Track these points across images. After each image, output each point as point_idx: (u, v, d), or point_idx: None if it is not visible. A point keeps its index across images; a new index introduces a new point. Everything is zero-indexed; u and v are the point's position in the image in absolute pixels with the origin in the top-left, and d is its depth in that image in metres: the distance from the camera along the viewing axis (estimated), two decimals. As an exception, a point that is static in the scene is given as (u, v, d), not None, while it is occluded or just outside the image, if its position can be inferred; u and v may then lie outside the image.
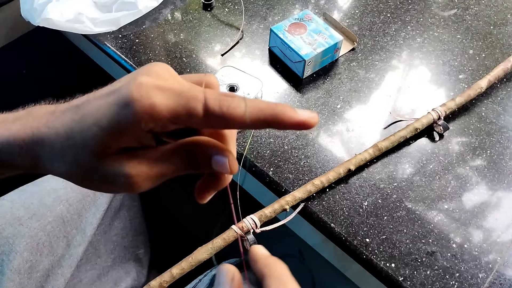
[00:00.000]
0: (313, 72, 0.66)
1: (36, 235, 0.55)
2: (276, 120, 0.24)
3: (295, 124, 0.24)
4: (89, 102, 0.25)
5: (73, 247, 0.58)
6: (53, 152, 0.25)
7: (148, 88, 0.23)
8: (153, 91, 0.23)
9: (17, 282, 0.52)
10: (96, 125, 0.24)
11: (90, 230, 0.60)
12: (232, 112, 0.23)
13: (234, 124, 0.24)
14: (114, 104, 0.24)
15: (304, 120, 0.24)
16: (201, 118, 0.24)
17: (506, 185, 0.56)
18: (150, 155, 0.25)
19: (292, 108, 0.24)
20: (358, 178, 0.56)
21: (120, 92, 0.24)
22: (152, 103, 0.23)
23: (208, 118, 0.24)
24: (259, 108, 0.24)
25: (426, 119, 0.58)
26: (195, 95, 0.24)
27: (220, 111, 0.23)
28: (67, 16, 0.65)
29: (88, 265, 0.61)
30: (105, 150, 0.24)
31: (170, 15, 0.73)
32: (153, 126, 0.24)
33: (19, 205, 0.57)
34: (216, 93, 0.24)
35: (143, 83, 0.23)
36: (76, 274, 0.59)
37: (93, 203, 0.61)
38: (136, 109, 0.23)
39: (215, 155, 0.26)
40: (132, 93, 0.23)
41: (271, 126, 0.24)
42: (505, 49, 0.70)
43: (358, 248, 0.51)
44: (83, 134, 0.24)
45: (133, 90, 0.23)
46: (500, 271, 0.50)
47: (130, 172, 0.24)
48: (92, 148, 0.24)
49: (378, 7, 0.75)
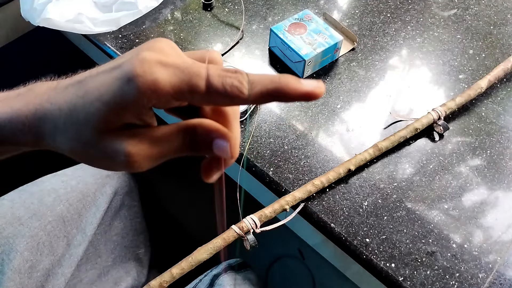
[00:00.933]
0: (313, 72, 0.66)
1: (36, 235, 0.55)
2: (280, 93, 0.23)
3: (300, 95, 0.23)
4: (92, 78, 0.25)
5: (73, 247, 0.58)
6: (56, 128, 0.25)
7: (151, 64, 0.23)
8: (156, 66, 0.23)
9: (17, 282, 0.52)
10: (99, 100, 0.24)
11: (90, 229, 0.60)
12: (234, 89, 0.23)
13: (237, 102, 0.24)
14: (117, 80, 0.24)
15: (310, 91, 0.23)
16: (203, 95, 0.23)
17: (506, 185, 0.56)
18: (151, 134, 0.25)
19: (296, 79, 0.23)
20: (358, 178, 0.56)
21: (123, 68, 0.24)
22: (155, 79, 0.23)
23: (211, 95, 0.23)
24: (262, 84, 0.23)
25: (426, 119, 0.58)
26: (198, 71, 0.24)
27: (222, 89, 0.23)
28: (67, 16, 0.65)
29: (88, 264, 0.61)
30: (107, 126, 0.24)
31: (170, 15, 0.73)
32: (156, 102, 0.24)
33: (19, 205, 0.57)
34: (219, 70, 0.24)
35: (146, 58, 0.23)
36: (76, 274, 0.59)
37: (93, 203, 0.61)
38: (139, 84, 0.23)
39: (216, 138, 0.26)
40: (135, 68, 0.23)
41: (276, 99, 0.24)
42: (505, 49, 0.70)
43: (358, 248, 0.51)
44: (86, 110, 0.24)
45: (136, 66, 0.23)
46: (500, 271, 0.50)
47: (130, 150, 0.24)
48: (94, 124, 0.24)
49: (378, 7, 0.75)
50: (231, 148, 0.26)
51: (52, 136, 0.25)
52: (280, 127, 0.60)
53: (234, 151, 0.26)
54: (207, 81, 0.23)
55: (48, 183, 0.61)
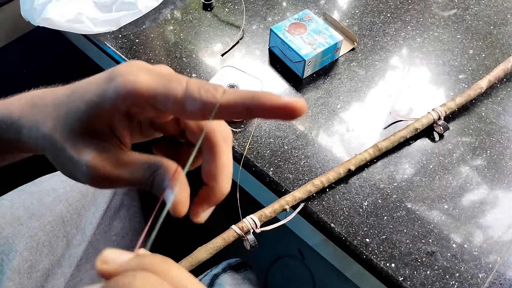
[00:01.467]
0: (313, 72, 0.66)
1: (36, 235, 0.55)
2: (257, 103, 0.22)
3: (277, 108, 0.22)
4: (84, 80, 0.26)
5: (73, 247, 0.58)
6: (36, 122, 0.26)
7: (137, 68, 0.24)
8: (140, 70, 0.24)
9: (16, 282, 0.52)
10: (81, 98, 0.24)
11: (90, 229, 0.60)
12: (209, 96, 0.23)
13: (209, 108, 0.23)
14: (102, 79, 0.24)
15: (288, 104, 0.22)
16: (179, 102, 0.23)
17: (506, 185, 0.56)
18: (119, 156, 0.25)
19: (276, 94, 0.22)
20: (358, 178, 0.56)
21: (111, 70, 0.25)
22: (134, 79, 0.23)
23: (186, 102, 0.23)
24: (238, 93, 0.23)
25: (426, 119, 0.58)
26: (179, 78, 0.24)
27: (198, 94, 0.23)
28: (67, 16, 0.65)
29: (88, 264, 0.61)
30: (81, 128, 0.25)
31: (170, 15, 0.73)
32: (131, 104, 0.24)
33: (18, 205, 0.57)
34: (200, 82, 0.24)
35: (134, 64, 0.24)
36: (76, 274, 0.59)
37: (93, 203, 0.61)
38: (118, 83, 0.23)
39: (167, 188, 0.24)
40: (120, 69, 0.24)
41: (251, 112, 0.23)
42: (505, 49, 0.70)
43: (358, 248, 0.51)
44: (68, 106, 0.25)
45: (122, 67, 0.24)
46: (500, 271, 0.50)
47: (93, 163, 0.24)
48: (71, 123, 0.25)
49: (378, 7, 0.75)
50: (174, 204, 0.24)
51: (29, 131, 0.26)
52: (280, 127, 0.60)
53: (177, 209, 0.24)
54: (185, 88, 0.23)
55: (48, 183, 0.61)
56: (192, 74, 0.65)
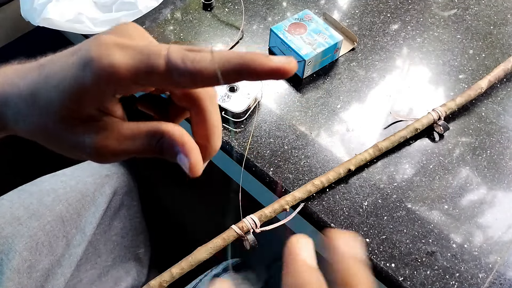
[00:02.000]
0: (313, 72, 0.66)
1: (35, 235, 0.55)
2: (247, 68, 0.22)
3: (269, 71, 0.22)
4: (53, 62, 0.24)
5: (73, 247, 0.58)
6: (19, 113, 0.25)
7: (108, 46, 0.22)
8: (112, 49, 0.22)
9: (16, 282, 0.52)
10: (58, 87, 0.23)
11: (90, 229, 0.60)
12: (196, 66, 0.22)
13: (201, 79, 0.22)
14: (73, 65, 0.23)
15: (279, 66, 0.21)
16: (163, 75, 0.22)
17: (506, 185, 0.56)
18: (119, 130, 0.25)
19: (265, 54, 0.22)
20: (358, 178, 0.56)
21: (80, 53, 0.23)
22: (110, 62, 0.22)
23: (171, 75, 0.22)
24: (227, 58, 0.22)
25: (426, 119, 0.58)
26: (157, 50, 0.22)
27: (183, 66, 0.22)
28: (67, 16, 0.65)
29: (88, 264, 0.61)
30: (71, 115, 0.24)
31: (170, 15, 0.73)
32: (116, 87, 0.23)
33: (18, 204, 0.57)
34: (180, 48, 0.23)
35: (103, 42, 0.22)
36: (76, 274, 0.59)
37: (93, 203, 0.61)
38: (94, 69, 0.22)
39: (179, 153, 0.25)
40: (90, 53, 0.22)
41: (243, 76, 0.22)
42: (505, 49, 0.70)
43: (358, 248, 0.51)
44: (47, 96, 0.24)
45: (92, 50, 0.22)
46: (500, 271, 0.50)
47: (97, 144, 0.24)
48: (56, 111, 0.24)
49: (378, 7, 0.75)
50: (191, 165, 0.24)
51: (14, 120, 0.25)
52: (280, 127, 0.60)
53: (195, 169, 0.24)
54: (167, 59, 0.22)
55: (47, 183, 0.61)
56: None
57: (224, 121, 0.60)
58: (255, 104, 0.62)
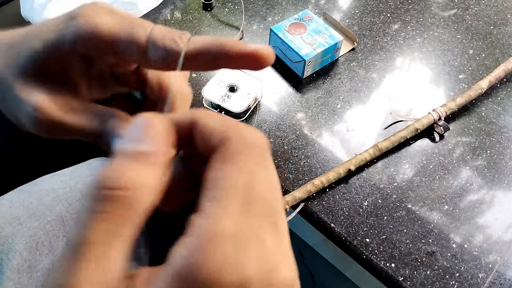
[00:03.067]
0: (313, 72, 0.66)
1: (35, 235, 0.55)
2: (221, 50, 0.21)
3: (243, 55, 0.21)
4: (44, 21, 0.25)
5: (73, 247, 0.58)
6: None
7: (99, 9, 0.23)
8: (102, 11, 0.22)
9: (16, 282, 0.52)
10: (37, 37, 0.23)
11: (90, 229, 0.60)
12: (171, 43, 0.22)
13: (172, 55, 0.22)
14: (61, 19, 0.23)
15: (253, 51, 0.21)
16: (142, 48, 0.22)
17: (506, 185, 0.56)
18: (69, 102, 0.24)
19: (242, 42, 0.22)
20: (358, 178, 0.56)
21: (72, 10, 0.23)
22: (95, 21, 0.22)
23: (148, 50, 0.22)
24: (203, 40, 0.22)
25: (427, 120, 0.58)
26: (143, 23, 0.22)
27: (161, 41, 0.22)
28: (67, 16, 0.65)
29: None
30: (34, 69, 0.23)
31: (170, 15, 0.73)
32: (93, 49, 0.23)
33: (18, 204, 0.57)
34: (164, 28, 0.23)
35: (95, 5, 0.23)
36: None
37: (93, 203, 0.61)
38: (79, 22, 0.22)
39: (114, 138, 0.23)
40: (81, 9, 0.23)
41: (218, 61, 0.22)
42: (505, 49, 0.70)
43: (358, 248, 0.51)
44: (22, 45, 0.23)
45: (84, 8, 0.23)
46: (500, 271, 0.50)
47: (40, 106, 0.23)
48: (24, 62, 0.23)
49: (378, 7, 0.75)
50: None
51: None
52: (280, 127, 0.60)
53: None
54: (149, 34, 0.22)
55: (47, 183, 0.61)
56: (192, 74, 0.65)
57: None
58: (255, 104, 0.62)
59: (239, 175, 0.17)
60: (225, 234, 0.16)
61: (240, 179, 0.17)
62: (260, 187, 0.17)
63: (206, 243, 0.16)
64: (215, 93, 0.60)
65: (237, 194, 0.17)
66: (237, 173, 0.17)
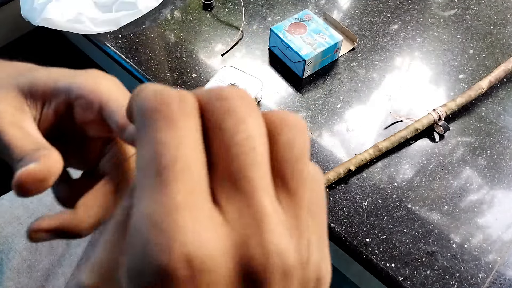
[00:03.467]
0: (313, 72, 0.66)
1: (36, 235, 0.55)
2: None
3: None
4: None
5: (73, 247, 0.58)
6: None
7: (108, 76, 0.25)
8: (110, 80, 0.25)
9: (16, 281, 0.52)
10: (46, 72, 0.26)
11: (90, 229, 0.60)
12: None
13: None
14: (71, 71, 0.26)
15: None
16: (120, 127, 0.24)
17: (506, 185, 0.56)
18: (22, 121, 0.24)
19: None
20: (358, 178, 0.56)
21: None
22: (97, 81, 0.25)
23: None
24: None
25: (427, 120, 0.58)
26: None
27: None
28: (67, 16, 0.65)
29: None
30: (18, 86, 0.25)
31: (170, 15, 0.73)
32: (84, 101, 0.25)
33: (18, 204, 0.57)
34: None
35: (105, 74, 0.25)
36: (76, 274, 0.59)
37: (93, 203, 0.61)
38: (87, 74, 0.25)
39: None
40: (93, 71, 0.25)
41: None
42: (505, 49, 0.70)
43: (358, 248, 0.51)
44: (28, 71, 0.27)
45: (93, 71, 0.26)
46: (500, 271, 0.50)
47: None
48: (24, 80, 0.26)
49: (378, 7, 0.75)
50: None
51: None
52: (280, 127, 0.60)
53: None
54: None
55: (48, 183, 0.61)
56: (192, 74, 0.65)
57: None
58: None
59: (144, 147, 0.15)
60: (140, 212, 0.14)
61: (145, 150, 0.14)
62: (172, 152, 0.14)
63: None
64: (215, 93, 0.60)
65: (145, 168, 0.14)
66: (142, 146, 0.15)
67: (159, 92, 0.15)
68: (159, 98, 0.15)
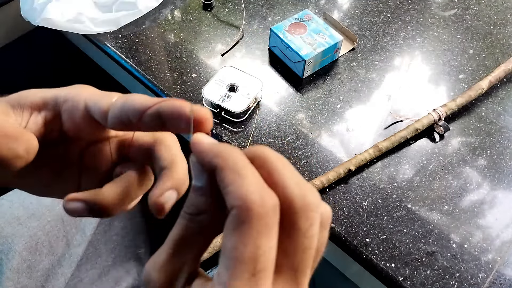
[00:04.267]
0: (313, 72, 0.66)
1: (35, 235, 0.55)
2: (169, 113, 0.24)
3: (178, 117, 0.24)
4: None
5: (73, 247, 0.58)
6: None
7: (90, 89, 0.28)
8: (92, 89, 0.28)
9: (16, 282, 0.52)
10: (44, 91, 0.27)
11: (90, 229, 0.60)
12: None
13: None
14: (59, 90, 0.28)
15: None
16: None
17: (506, 185, 0.56)
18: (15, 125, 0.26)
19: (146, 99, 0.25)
20: (358, 178, 0.56)
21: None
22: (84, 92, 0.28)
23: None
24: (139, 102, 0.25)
25: (427, 120, 0.58)
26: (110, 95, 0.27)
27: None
28: (67, 16, 0.65)
29: (88, 264, 0.61)
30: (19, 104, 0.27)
31: (170, 15, 0.73)
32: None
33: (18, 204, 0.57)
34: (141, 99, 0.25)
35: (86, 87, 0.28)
36: (76, 274, 0.59)
37: (93, 203, 0.61)
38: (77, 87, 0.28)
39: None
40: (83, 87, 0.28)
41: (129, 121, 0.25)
42: (505, 49, 0.70)
43: (358, 248, 0.51)
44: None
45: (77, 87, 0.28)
46: (500, 271, 0.50)
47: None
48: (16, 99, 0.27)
49: (378, 7, 0.75)
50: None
51: None
52: (280, 127, 0.60)
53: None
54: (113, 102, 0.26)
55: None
56: (192, 74, 0.65)
57: (224, 121, 0.60)
58: (255, 104, 0.62)
59: (244, 247, 0.18)
60: None
61: (245, 251, 0.18)
62: (266, 257, 0.19)
63: None
64: (215, 93, 0.60)
65: (243, 265, 0.18)
66: (242, 245, 0.18)
67: (259, 191, 0.19)
68: (259, 201, 0.19)
